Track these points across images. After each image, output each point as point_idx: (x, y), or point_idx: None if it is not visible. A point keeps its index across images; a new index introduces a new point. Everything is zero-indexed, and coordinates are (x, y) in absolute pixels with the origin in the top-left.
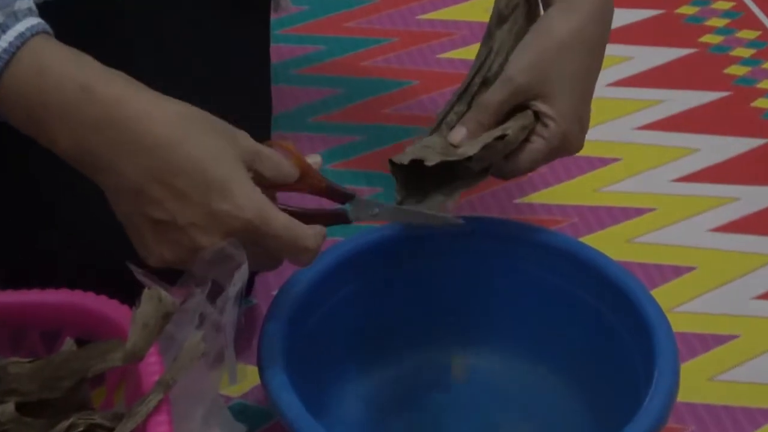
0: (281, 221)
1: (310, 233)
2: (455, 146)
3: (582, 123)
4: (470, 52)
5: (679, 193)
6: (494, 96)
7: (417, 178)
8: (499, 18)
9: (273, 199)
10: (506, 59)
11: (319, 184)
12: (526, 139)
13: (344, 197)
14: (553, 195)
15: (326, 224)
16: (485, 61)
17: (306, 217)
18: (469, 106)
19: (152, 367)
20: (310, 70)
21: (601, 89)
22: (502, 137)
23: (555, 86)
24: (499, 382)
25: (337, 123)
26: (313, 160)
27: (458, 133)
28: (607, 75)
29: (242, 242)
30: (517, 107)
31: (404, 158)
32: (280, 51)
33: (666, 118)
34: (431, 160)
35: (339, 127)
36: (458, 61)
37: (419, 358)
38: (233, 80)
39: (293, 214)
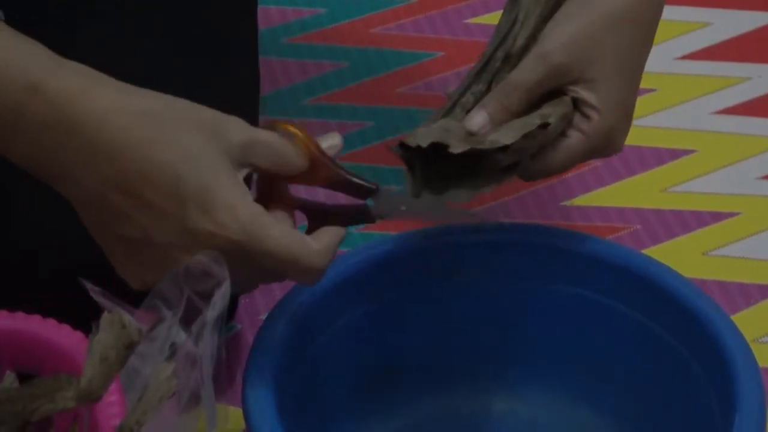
0: (275, 239)
1: (314, 249)
2: (474, 134)
3: (629, 117)
4: None
5: None
6: (525, 75)
7: (433, 169)
8: None
9: (282, 191)
10: (534, 31)
11: (334, 176)
12: (561, 132)
13: (366, 192)
14: (610, 196)
15: (345, 223)
16: (508, 34)
17: (320, 213)
18: (489, 86)
19: (112, 408)
20: (307, 38)
21: (670, 63)
22: (544, 126)
23: (601, 69)
24: (539, 431)
25: (339, 105)
26: (329, 142)
27: (478, 118)
28: (677, 46)
29: (235, 261)
30: (550, 92)
31: (422, 140)
32: (269, 15)
33: (751, 101)
34: (457, 147)
35: (342, 110)
36: (492, 28)
37: (439, 404)
38: (211, 52)
39: (306, 209)
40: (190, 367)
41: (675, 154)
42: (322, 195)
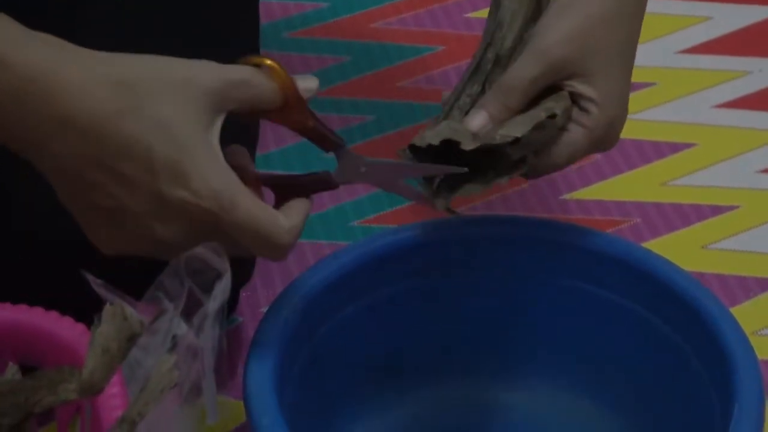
0: (247, 210)
1: (284, 226)
2: (475, 134)
3: (626, 109)
4: None
5: None
6: (524, 72)
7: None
8: None
9: (247, 171)
10: (520, 32)
11: (304, 120)
12: (561, 128)
13: (332, 145)
14: (610, 190)
15: (309, 192)
16: (495, 35)
17: (285, 186)
18: (483, 87)
19: (113, 400)
20: (308, 32)
21: (670, 57)
22: (552, 117)
23: (598, 63)
24: (540, 423)
25: (341, 99)
26: (306, 84)
27: (478, 118)
28: (678, 40)
29: (206, 231)
30: (547, 88)
31: (433, 139)
32: (271, 9)
33: (751, 94)
34: (468, 144)
35: (343, 104)
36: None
37: (441, 395)
38: (211, 45)
39: (270, 183)
40: (191, 360)
41: (675, 147)
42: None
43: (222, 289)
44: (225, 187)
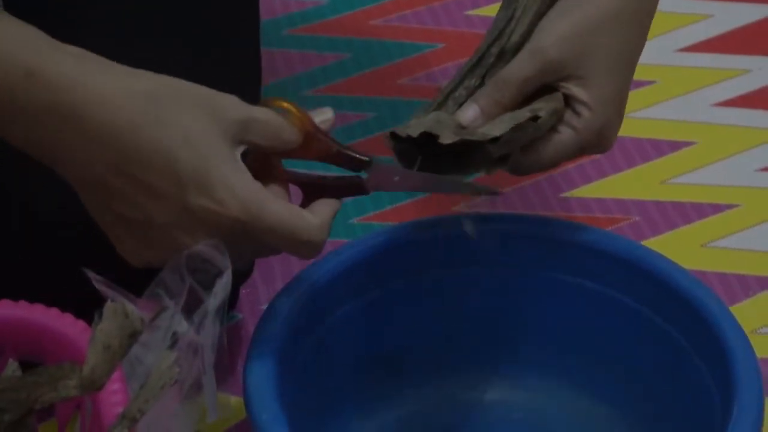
0: (275, 214)
1: (313, 223)
2: (465, 127)
3: (621, 114)
4: None
5: None
6: (519, 70)
7: (426, 162)
8: None
9: (276, 167)
10: (530, 27)
11: (328, 149)
12: (552, 128)
13: (359, 164)
14: (610, 187)
15: (340, 195)
16: (504, 29)
17: (315, 186)
18: (482, 81)
19: (114, 396)
20: (309, 29)
21: (672, 55)
22: (534, 119)
23: (594, 66)
24: (539, 421)
25: (341, 96)
26: (322, 117)
27: (469, 111)
28: (680, 38)
29: (234, 238)
30: (542, 88)
31: (412, 130)
32: (271, 6)
33: (750, 93)
34: (447, 138)
35: (344, 101)
36: (493, 19)
37: (440, 393)
38: (212, 42)
39: (300, 183)
40: (191, 356)
41: (675, 145)
42: (318, 167)
43: (223, 286)
44: (250, 195)
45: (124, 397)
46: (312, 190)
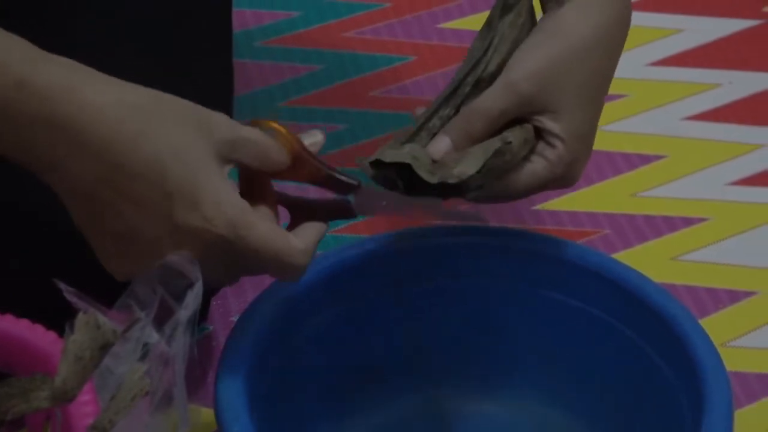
0: (260, 236)
1: (298, 248)
2: (436, 161)
3: (590, 148)
4: (479, 20)
5: (740, 199)
6: (490, 103)
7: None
8: (504, 5)
9: (265, 187)
10: (507, 57)
11: (316, 172)
12: (525, 158)
13: (347, 188)
14: (581, 200)
15: (327, 218)
16: (481, 59)
17: (302, 208)
18: (457, 111)
19: (85, 407)
20: (281, 41)
21: (642, 69)
22: (502, 152)
23: (566, 100)
24: None
25: (313, 108)
26: (312, 139)
27: (440, 144)
28: (650, 52)
29: (220, 256)
30: (514, 120)
31: (391, 158)
32: (243, 17)
33: (721, 107)
34: (431, 179)
35: (316, 113)
36: (465, 32)
37: (414, 404)
38: (184, 54)
39: (288, 204)
40: (162, 367)
41: (646, 159)
42: (310, 190)
43: (194, 297)
44: (237, 214)
45: (95, 408)
46: (300, 212)
